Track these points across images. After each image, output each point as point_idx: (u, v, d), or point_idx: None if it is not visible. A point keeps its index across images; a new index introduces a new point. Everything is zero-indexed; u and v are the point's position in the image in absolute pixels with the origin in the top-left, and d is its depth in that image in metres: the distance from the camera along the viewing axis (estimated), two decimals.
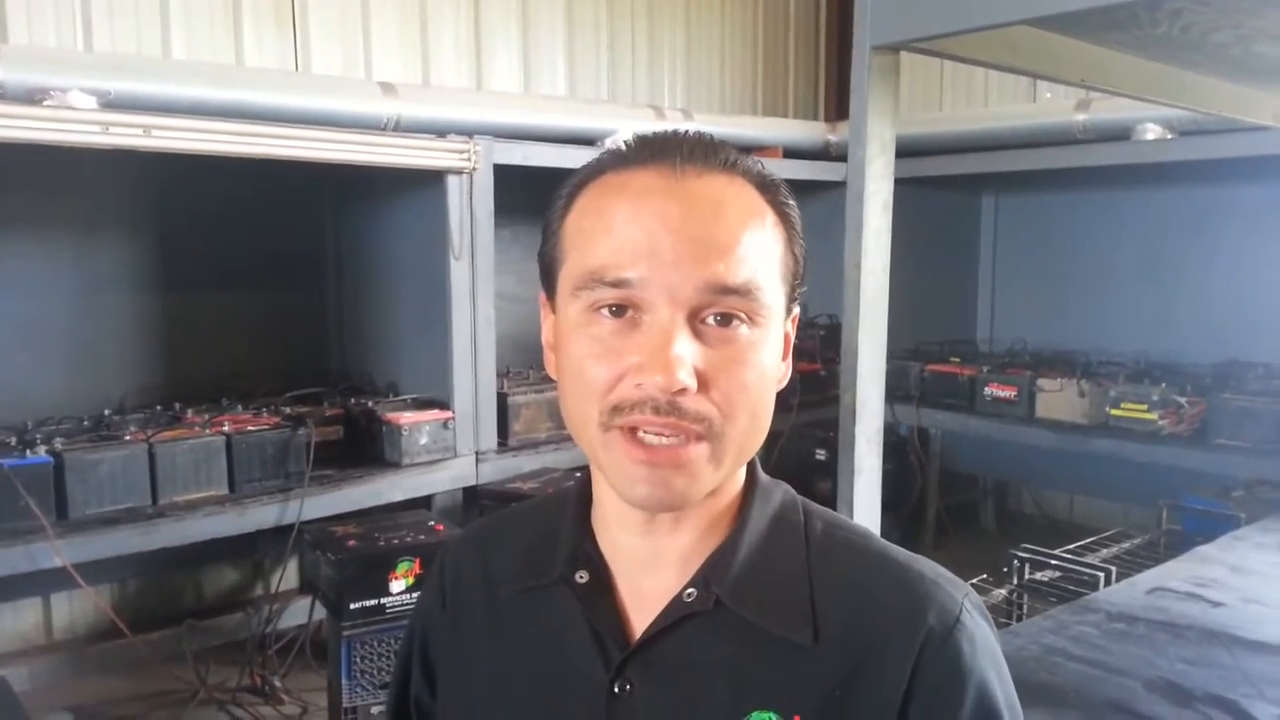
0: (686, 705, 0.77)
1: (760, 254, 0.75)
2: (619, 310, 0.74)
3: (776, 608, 0.78)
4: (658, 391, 0.71)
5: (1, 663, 3.07)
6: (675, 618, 0.78)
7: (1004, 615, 2.56)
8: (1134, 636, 1.98)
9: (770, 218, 0.78)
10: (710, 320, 0.73)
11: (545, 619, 0.84)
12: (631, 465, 0.73)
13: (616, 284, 0.73)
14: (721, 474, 0.76)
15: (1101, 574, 2.50)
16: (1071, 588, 2.50)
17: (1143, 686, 1.75)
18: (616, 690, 0.78)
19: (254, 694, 3.33)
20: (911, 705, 0.74)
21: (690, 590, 0.79)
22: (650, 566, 0.81)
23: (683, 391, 0.71)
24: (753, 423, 0.76)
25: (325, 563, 2.80)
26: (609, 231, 0.74)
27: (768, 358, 0.76)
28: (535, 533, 0.89)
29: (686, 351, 0.71)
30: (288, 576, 3.62)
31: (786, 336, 0.81)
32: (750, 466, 0.84)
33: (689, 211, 0.73)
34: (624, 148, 0.79)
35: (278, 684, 3.33)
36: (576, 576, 0.82)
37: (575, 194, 0.80)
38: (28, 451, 2.83)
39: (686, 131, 0.79)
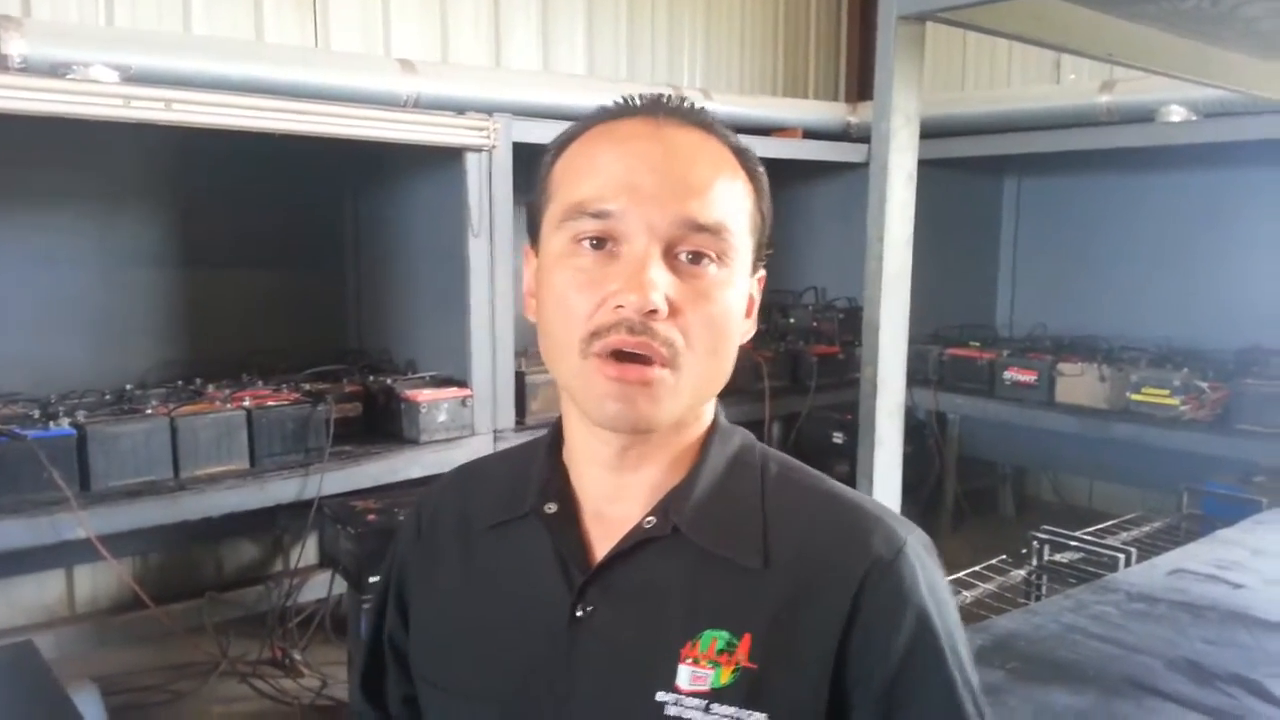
0: (643, 623, 0.83)
1: (731, 201, 0.83)
2: (599, 243, 0.80)
3: (730, 536, 0.84)
4: (634, 312, 0.77)
5: (26, 633, 3.10)
6: (634, 542, 0.85)
7: (1023, 596, 2.55)
8: (1154, 616, 1.97)
9: (741, 175, 0.85)
10: (683, 257, 0.80)
11: (516, 550, 0.91)
12: (604, 383, 0.79)
13: (598, 215, 0.79)
14: (681, 403, 0.82)
15: (1121, 556, 2.47)
16: (1091, 569, 2.49)
17: (1163, 665, 1.75)
18: (578, 613, 0.84)
19: (274, 666, 3.37)
20: (854, 628, 0.80)
21: (650, 518, 0.85)
22: (615, 500, 0.87)
23: (654, 314, 0.77)
24: (711, 358, 0.82)
25: (345, 536, 2.82)
26: (593, 169, 0.82)
27: (733, 299, 0.83)
28: (510, 473, 0.96)
29: (660, 278, 0.78)
30: (307, 552, 3.64)
31: (750, 298, 0.88)
32: (713, 412, 0.91)
33: (669, 154, 0.81)
34: (610, 106, 0.86)
35: (298, 657, 3.37)
36: (546, 508, 0.89)
37: (563, 147, 0.87)
38: (51, 424, 2.84)
39: (669, 95, 0.87)
